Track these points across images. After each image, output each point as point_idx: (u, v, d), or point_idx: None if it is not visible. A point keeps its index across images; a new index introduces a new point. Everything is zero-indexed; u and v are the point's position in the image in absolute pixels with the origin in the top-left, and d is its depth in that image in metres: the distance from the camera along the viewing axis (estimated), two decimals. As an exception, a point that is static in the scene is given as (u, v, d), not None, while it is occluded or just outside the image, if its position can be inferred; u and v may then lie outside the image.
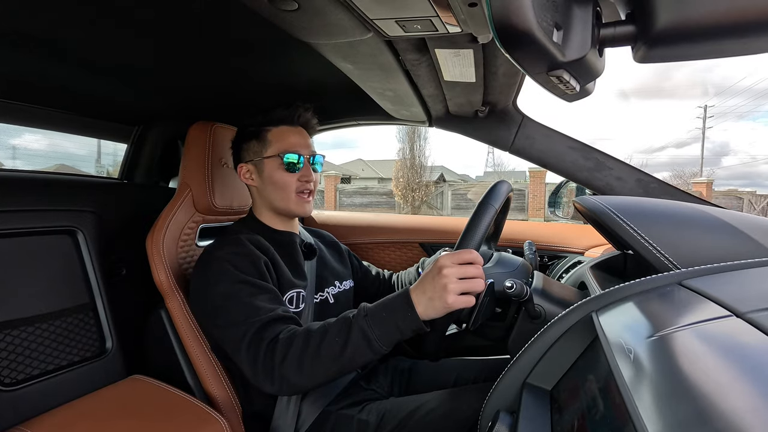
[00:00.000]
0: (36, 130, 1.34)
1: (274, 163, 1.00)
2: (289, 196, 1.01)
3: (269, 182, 1.01)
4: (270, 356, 0.76)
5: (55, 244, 1.07)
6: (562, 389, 0.58)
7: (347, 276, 1.19)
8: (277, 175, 1.00)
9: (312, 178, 1.02)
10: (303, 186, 1.01)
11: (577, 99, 0.51)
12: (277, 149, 1.00)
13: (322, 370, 0.75)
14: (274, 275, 0.94)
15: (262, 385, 0.78)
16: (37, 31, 0.78)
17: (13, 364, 0.93)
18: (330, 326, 0.77)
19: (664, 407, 0.30)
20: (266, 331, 0.80)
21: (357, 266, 1.25)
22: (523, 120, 1.16)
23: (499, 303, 0.88)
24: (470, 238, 0.79)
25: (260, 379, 0.78)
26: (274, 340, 0.78)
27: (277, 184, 1.01)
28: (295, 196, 1.01)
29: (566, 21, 0.38)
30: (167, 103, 1.28)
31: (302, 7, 0.63)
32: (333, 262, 1.16)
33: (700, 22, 0.32)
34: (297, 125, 1.05)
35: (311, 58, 0.93)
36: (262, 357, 0.77)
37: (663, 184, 1.05)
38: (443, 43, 0.76)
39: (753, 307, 0.38)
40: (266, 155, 1.01)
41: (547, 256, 1.37)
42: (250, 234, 0.98)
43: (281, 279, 0.96)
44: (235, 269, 0.88)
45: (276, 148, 1.00)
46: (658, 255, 0.56)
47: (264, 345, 0.77)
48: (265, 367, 0.77)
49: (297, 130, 1.04)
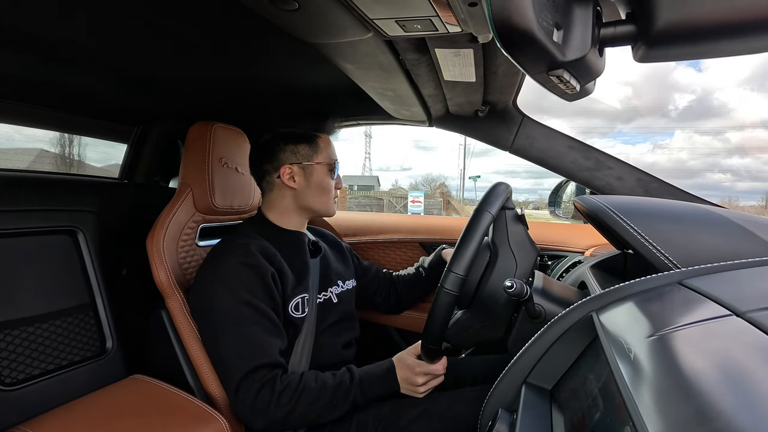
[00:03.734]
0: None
1: (324, 169, 1.06)
2: (330, 200, 1.09)
3: (316, 186, 1.06)
4: (264, 402, 0.85)
5: (56, 244, 1.07)
6: (563, 389, 0.58)
7: (350, 275, 1.19)
8: (325, 181, 1.07)
9: (341, 184, 1.13)
10: (335, 191, 1.10)
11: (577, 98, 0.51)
12: (327, 156, 1.07)
13: (304, 421, 0.88)
14: (280, 287, 0.96)
15: (243, 419, 0.89)
16: (38, 31, 0.78)
17: (13, 364, 0.93)
18: (323, 391, 0.88)
19: (664, 406, 0.30)
20: (260, 374, 0.87)
21: (357, 264, 1.26)
22: (523, 120, 1.16)
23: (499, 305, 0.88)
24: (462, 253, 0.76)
25: (246, 417, 0.87)
26: (270, 387, 0.86)
27: (323, 189, 1.06)
28: (332, 199, 1.09)
29: (566, 21, 0.38)
30: (167, 103, 1.28)
31: (302, 7, 0.63)
32: (335, 261, 1.17)
33: (701, 22, 0.32)
34: (329, 134, 1.12)
35: (311, 58, 0.93)
36: (253, 400, 0.85)
37: (663, 183, 1.05)
38: (443, 43, 0.76)
39: (753, 306, 0.38)
40: (317, 161, 1.05)
41: (547, 256, 1.37)
42: (259, 240, 0.99)
43: (286, 288, 0.97)
44: (240, 284, 0.91)
45: (326, 155, 1.07)
46: (658, 254, 0.56)
47: (259, 390, 0.85)
48: (254, 410, 0.85)
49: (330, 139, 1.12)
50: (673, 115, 52.26)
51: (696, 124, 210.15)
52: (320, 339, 1.02)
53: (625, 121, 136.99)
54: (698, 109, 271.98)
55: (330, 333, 1.05)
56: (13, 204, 1.00)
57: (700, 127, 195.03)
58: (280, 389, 0.86)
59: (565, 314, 0.55)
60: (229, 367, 0.88)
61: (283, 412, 0.85)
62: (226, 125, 1.14)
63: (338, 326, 1.08)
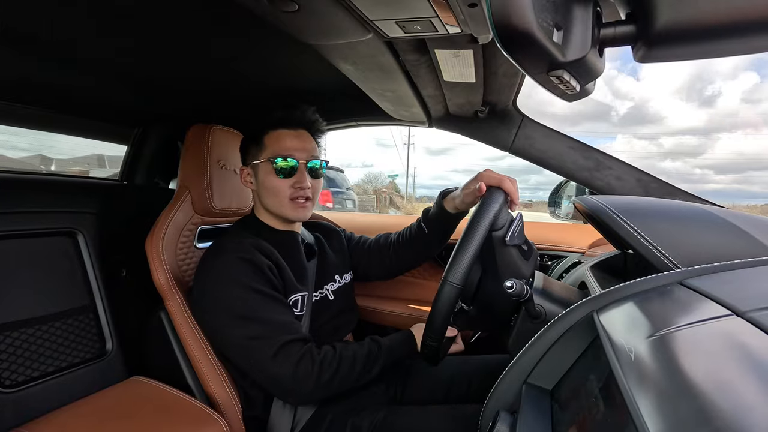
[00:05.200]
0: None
1: (267, 168, 0.98)
2: (282, 201, 0.99)
3: (263, 187, 1.00)
4: (306, 370, 0.85)
5: (55, 246, 1.07)
6: (563, 389, 0.58)
7: (347, 267, 1.18)
8: (269, 181, 0.98)
9: (305, 184, 0.98)
10: (296, 192, 0.98)
11: (577, 99, 0.51)
12: (269, 154, 0.98)
13: (345, 384, 0.89)
14: (279, 279, 0.95)
15: (285, 391, 0.89)
16: (38, 32, 0.78)
17: (13, 366, 0.93)
18: (356, 358, 0.91)
19: (665, 407, 0.30)
20: (295, 348, 0.86)
21: (352, 249, 1.22)
22: (523, 120, 1.16)
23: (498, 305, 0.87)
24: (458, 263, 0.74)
25: (289, 387, 0.86)
26: (309, 357, 0.86)
27: (269, 190, 0.98)
28: (288, 201, 0.98)
29: (566, 21, 0.38)
30: (167, 105, 1.28)
31: (302, 8, 0.63)
32: (333, 256, 1.15)
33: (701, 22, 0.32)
34: (298, 128, 1.01)
35: (311, 59, 0.93)
36: (294, 369, 0.84)
37: (663, 183, 1.05)
38: (443, 44, 0.76)
39: (754, 306, 0.38)
40: (260, 159, 0.99)
41: (548, 256, 1.37)
42: (253, 238, 0.97)
43: (286, 283, 0.96)
44: (243, 275, 0.89)
45: (269, 152, 0.98)
46: (658, 254, 0.56)
47: (298, 361, 0.85)
48: (296, 378, 0.85)
49: (297, 133, 1.00)
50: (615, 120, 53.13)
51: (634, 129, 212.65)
52: (317, 336, 1.01)
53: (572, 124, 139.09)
54: (637, 115, 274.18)
55: (326, 330, 1.04)
56: (13, 205, 1.00)
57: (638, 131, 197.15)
58: (320, 358, 0.87)
59: (566, 314, 0.55)
60: (254, 350, 0.86)
61: (328, 376, 0.86)
62: (224, 127, 1.14)
63: (335, 322, 1.07)
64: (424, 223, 1.10)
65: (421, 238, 1.11)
